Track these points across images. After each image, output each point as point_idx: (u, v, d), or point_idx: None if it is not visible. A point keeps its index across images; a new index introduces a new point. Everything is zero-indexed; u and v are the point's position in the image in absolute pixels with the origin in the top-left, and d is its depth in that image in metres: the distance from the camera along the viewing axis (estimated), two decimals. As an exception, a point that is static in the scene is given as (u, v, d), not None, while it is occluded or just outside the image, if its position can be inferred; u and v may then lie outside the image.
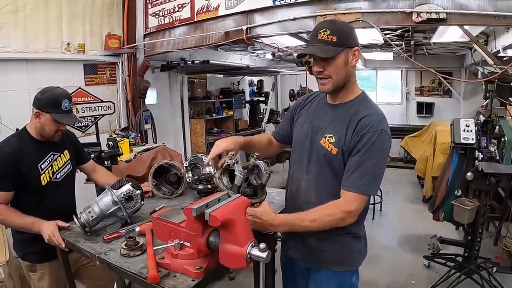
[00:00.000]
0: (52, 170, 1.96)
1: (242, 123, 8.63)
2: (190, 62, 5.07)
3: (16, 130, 2.04)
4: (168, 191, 2.20)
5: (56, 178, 1.98)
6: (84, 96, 4.19)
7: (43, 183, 1.89)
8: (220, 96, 8.01)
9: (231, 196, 1.32)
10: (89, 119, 4.22)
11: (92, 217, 1.64)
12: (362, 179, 1.34)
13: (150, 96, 5.28)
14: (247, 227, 1.20)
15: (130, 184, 1.77)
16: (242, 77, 9.07)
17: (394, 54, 7.07)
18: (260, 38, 3.87)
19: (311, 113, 1.59)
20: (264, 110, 7.81)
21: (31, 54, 3.58)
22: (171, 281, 1.23)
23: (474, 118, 3.32)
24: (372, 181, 1.36)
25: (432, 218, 3.61)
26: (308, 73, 4.24)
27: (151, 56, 4.51)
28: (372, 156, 1.35)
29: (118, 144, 3.00)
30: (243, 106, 8.85)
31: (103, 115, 4.40)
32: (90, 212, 1.65)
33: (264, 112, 7.59)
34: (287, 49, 4.80)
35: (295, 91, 6.78)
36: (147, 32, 4.41)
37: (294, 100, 5.84)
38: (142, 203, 1.81)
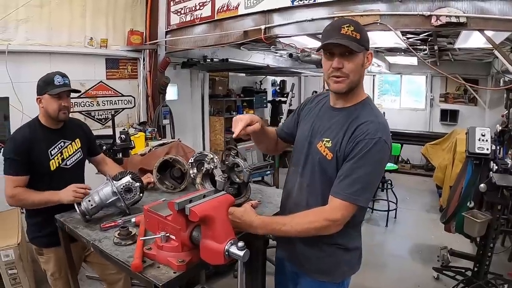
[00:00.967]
0: (62, 156, 2.05)
1: (263, 123, 8.65)
2: (209, 60, 5.13)
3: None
4: (171, 185, 2.26)
5: (66, 165, 2.07)
6: (105, 89, 4.35)
7: (52, 168, 1.99)
8: (242, 95, 8.05)
9: (218, 193, 1.34)
10: (109, 112, 4.37)
11: (91, 205, 1.72)
12: (351, 187, 1.28)
13: (171, 92, 5.39)
14: (227, 225, 1.22)
15: (130, 176, 1.84)
16: (264, 76, 9.08)
17: (419, 59, 6.83)
18: (279, 38, 3.87)
19: (314, 115, 1.55)
20: (284, 110, 7.80)
21: (55, 47, 3.71)
22: (154, 271, 1.27)
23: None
24: (363, 190, 1.29)
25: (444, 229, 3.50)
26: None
27: (172, 53, 4.58)
28: (366, 164, 1.29)
29: (130, 137, 3.10)
30: (264, 105, 8.85)
31: (123, 109, 4.57)
32: (90, 201, 1.72)
33: (283, 112, 7.58)
34: (309, 50, 4.74)
35: (318, 92, 6.70)
36: (168, 29, 4.49)
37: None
38: (141, 195, 1.87)
